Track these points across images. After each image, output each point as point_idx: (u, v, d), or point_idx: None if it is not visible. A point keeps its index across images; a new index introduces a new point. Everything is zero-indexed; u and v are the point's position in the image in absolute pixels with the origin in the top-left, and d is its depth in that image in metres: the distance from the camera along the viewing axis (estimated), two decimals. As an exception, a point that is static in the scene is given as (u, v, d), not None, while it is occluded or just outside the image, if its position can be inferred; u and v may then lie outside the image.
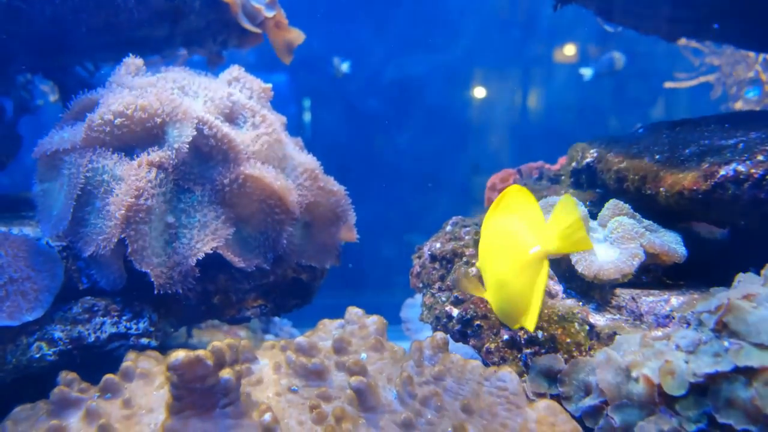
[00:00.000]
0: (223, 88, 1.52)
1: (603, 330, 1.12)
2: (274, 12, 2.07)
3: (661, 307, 1.11)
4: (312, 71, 4.23)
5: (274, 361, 1.19)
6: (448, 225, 1.64)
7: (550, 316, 1.17)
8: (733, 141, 1.22)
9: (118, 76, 1.49)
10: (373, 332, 1.22)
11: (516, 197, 0.99)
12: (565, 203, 0.90)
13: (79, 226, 1.32)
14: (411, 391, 1.05)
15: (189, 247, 1.34)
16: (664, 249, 1.17)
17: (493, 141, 4.71)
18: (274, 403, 1.07)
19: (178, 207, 1.37)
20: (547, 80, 4.72)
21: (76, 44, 1.86)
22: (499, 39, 4.69)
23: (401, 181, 4.54)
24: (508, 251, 0.97)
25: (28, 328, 1.27)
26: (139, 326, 1.37)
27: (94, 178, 1.31)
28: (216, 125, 1.38)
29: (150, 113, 1.34)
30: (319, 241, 1.65)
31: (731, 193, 1.12)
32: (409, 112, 4.61)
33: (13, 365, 1.25)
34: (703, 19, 1.87)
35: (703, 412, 0.89)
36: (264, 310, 1.61)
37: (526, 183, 1.93)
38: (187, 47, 2.23)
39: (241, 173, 1.39)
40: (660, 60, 4.29)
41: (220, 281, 1.51)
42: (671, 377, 0.91)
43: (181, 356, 0.92)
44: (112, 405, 1.10)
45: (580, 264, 1.16)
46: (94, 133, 1.33)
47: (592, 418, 0.99)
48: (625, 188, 1.37)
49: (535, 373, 1.11)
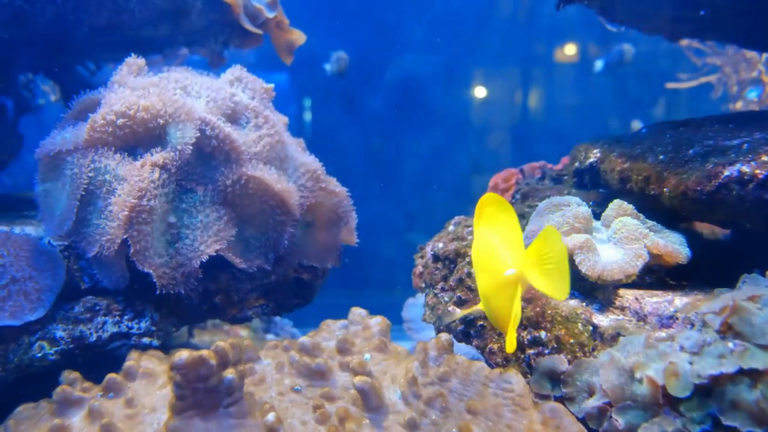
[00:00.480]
0: (225, 89, 1.51)
1: (606, 331, 1.11)
2: (276, 12, 2.06)
3: (665, 308, 1.11)
4: (312, 71, 4.22)
5: (277, 361, 1.19)
6: (451, 225, 1.64)
7: (553, 317, 1.17)
8: (738, 141, 1.22)
9: (120, 75, 1.49)
10: (377, 333, 1.21)
11: (495, 209, 1.01)
12: (548, 233, 0.91)
13: (82, 226, 1.32)
14: (415, 391, 1.04)
15: (192, 249, 1.34)
16: (668, 250, 1.17)
17: (495, 140, 4.70)
18: (278, 403, 1.07)
19: (180, 207, 1.37)
20: (548, 80, 4.72)
21: (78, 44, 1.85)
22: (500, 38, 4.69)
23: (402, 181, 4.54)
24: (488, 267, 1.01)
25: (30, 327, 1.27)
26: (141, 326, 1.37)
27: (97, 178, 1.31)
28: (218, 126, 1.38)
29: (152, 114, 1.34)
30: (320, 242, 1.65)
31: (735, 193, 1.12)
32: (410, 112, 4.61)
33: (15, 364, 1.25)
34: (705, 19, 1.87)
35: (708, 413, 0.89)
36: (265, 310, 1.61)
37: (529, 183, 1.93)
38: (189, 47, 2.23)
39: (243, 174, 1.39)
40: (661, 60, 4.29)
41: (221, 281, 1.51)
42: (675, 378, 0.91)
43: (184, 356, 0.92)
44: (115, 404, 1.10)
45: (584, 264, 1.15)
46: (97, 134, 1.33)
47: (595, 420, 0.99)
48: (628, 188, 1.36)
49: (538, 375, 1.11)
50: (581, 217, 1.26)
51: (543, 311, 1.19)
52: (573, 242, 1.18)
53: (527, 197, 1.79)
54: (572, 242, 1.18)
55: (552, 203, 1.34)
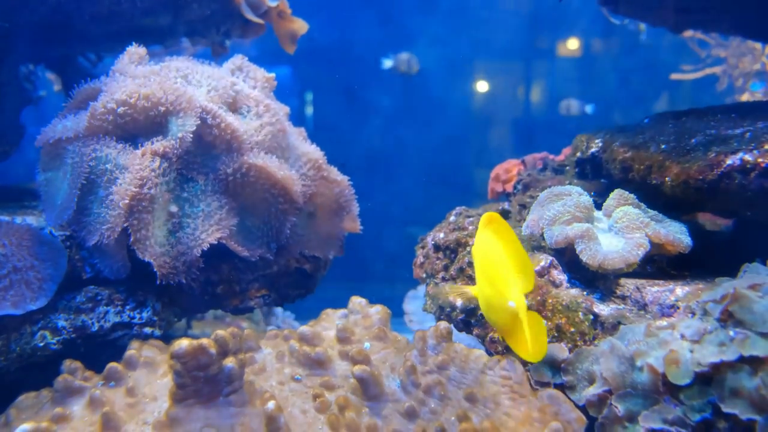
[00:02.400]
0: (226, 78, 1.51)
1: (607, 319, 1.11)
2: (278, 2, 2.06)
3: (666, 297, 1.10)
4: (315, 62, 4.21)
5: (277, 350, 1.19)
6: (452, 215, 1.64)
7: (554, 306, 1.17)
8: (740, 130, 1.21)
9: (121, 65, 1.49)
10: (377, 322, 1.21)
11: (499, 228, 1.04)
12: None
13: (82, 215, 1.32)
14: (414, 380, 1.04)
15: (193, 238, 1.34)
16: (669, 239, 1.16)
17: (497, 133, 4.69)
18: (278, 392, 1.07)
19: (182, 196, 1.37)
20: (550, 72, 4.70)
21: (79, 34, 1.85)
22: (503, 31, 4.66)
23: (404, 173, 4.53)
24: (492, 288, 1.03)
25: (32, 317, 1.27)
26: (143, 315, 1.38)
27: (98, 167, 1.31)
28: (219, 115, 1.38)
29: (153, 102, 1.33)
30: (322, 231, 1.65)
31: (738, 182, 1.11)
32: (413, 104, 4.60)
33: (17, 354, 1.25)
34: (709, 9, 1.86)
35: (708, 401, 0.89)
36: (267, 300, 1.61)
37: (530, 173, 1.92)
38: (190, 37, 2.22)
39: (244, 163, 1.39)
40: (664, 52, 4.26)
41: (223, 271, 1.51)
42: (676, 366, 0.91)
43: (184, 344, 0.92)
44: (116, 393, 1.10)
45: (585, 253, 1.15)
46: (97, 122, 1.33)
47: (595, 407, 0.99)
48: (630, 178, 1.36)
49: (539, 363, 1.11)
50: (582, 206, 1.25)
51: (544, 300, 1.18)
52: (574, 231, 1.18)
53: (528, 187, 1.79)
54: (573, 231, 1.18)
55: (553, 193, 1.34)
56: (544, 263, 1.24)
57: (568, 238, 1.18)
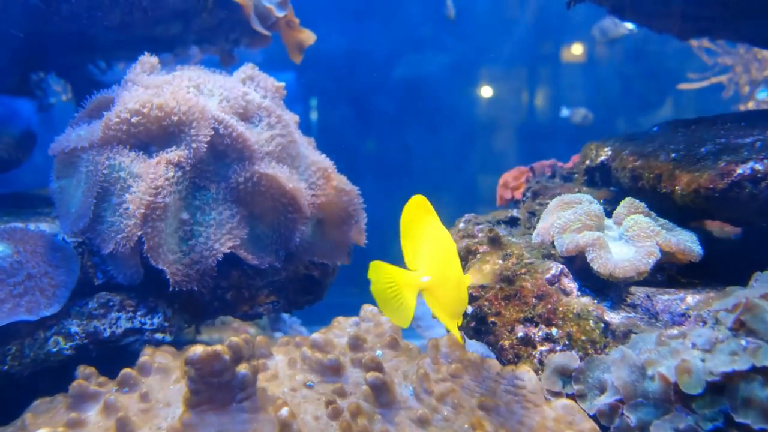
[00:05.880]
0: (238, 87, 1.52)
1: (618, 328, 1.12)
2: (286, 12, 2.07)
3: (677, 306, 1.11)
4: (321, 70, 4.23)
5: (288, 357, 1.20)
6: (461, 222, 1.64)
7: (565, 314, 1.17)
8: (750, 139, 1.22)
9: (134, 74, 1.50)
10: (389, 330, 1.22)
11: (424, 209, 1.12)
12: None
13: (96, 222, 1.33)
14: (427, 387, 1.05)
15: (207, 247, 1.35)
16: (680, 247, 1.17)
17: (503, 140, 4.69)
18: (290, 399, 1.08)
19: (193, 204, 1.38)
20: (556, 79, 4.71)
21: (92, 42, 1.87)
22: (509, 37, 4.68)
23: (410, 180, 4.54)
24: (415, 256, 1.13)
25: (45, 322, 1.28)
26: (154, 321, 1.39)
27: (111, 175, 1.32)
28: (231, 125, 1.39)
29: (166, 112, 1.35)
30: (331, 239, 1.66)
31: (748, 191, 1.12)
32: (418, 111, 4.61)
33: (31, 359, 1.26)
34: (716, 17, 1.86)
35: (720, 410, 0.89)
36: (276, 307, 1.62)
37: (539, 181, 1.93)
38: (199, 45, 2.25)
39: (255, 172, 1.40)
40: (670, 59, 4.26)
41: (233, 277, 1.52)
42: (688, 376, 0.91)
43: (199, 351, 0.93)
44: (130, 399, 1.11)
45: (596, 262, 1.16)
46: (111, 131, 1.34)
47: (607, 417, 0.99)
48: (639, 186, 1.36)
49: (550, 372, 1.11)
50: (593, 214, 1.26)
51: (555, 308, 1.19)
52: (585, 240, 1.18)
53: (538, 195, 1.79)
54: (584, 240, 1.19)
55: (563, 201, 1.34)
56: (554, 271, 1.24)
57: (578, 246, 1.19)
